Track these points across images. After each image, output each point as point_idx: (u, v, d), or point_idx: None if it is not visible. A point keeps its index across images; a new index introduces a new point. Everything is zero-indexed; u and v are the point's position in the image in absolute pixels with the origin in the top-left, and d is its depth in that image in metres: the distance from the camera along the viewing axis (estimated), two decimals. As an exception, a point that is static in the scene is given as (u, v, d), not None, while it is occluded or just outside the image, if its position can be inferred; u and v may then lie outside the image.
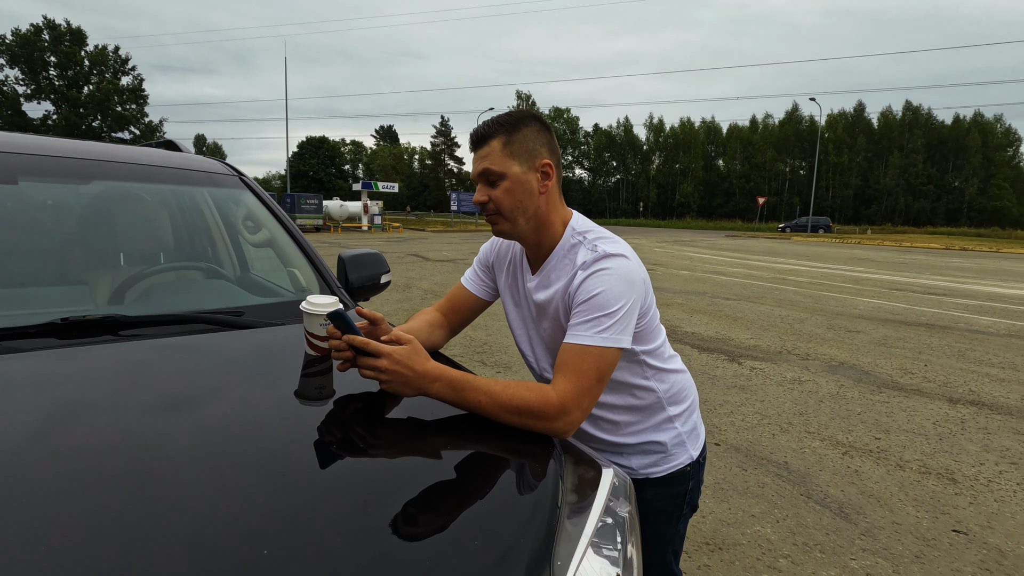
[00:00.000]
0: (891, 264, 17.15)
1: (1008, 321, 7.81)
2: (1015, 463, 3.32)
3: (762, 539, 2.49)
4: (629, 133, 76.99)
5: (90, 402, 0.98)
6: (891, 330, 6.99)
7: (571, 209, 1.27)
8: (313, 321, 1.20)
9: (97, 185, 1.70)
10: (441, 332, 1.40)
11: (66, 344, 1.19)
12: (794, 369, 5.17)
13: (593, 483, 1.00)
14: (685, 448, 1.33)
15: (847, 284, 11.58)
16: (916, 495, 2.91)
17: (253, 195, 1.95)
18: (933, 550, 2.43)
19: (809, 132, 67.45)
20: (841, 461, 3.28)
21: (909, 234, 45.99)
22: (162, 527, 0.69)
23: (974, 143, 64.74)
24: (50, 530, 0.66)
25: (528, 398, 1.04)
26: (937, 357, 5.73)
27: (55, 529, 0.67)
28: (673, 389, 1.31)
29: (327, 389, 1.15)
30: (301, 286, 1.76)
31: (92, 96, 43.56)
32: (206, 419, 0.96)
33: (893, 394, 4.53)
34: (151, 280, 1.61)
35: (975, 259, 20.79)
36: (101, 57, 44.70)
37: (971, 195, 65.38)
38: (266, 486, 0.80)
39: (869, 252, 23.13)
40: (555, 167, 1.19)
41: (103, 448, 0.85)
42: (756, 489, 2.93)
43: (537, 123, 1.18)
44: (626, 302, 1.10)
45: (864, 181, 68.10)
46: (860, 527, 2.60)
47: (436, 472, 0.90)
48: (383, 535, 0.73)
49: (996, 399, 4.47)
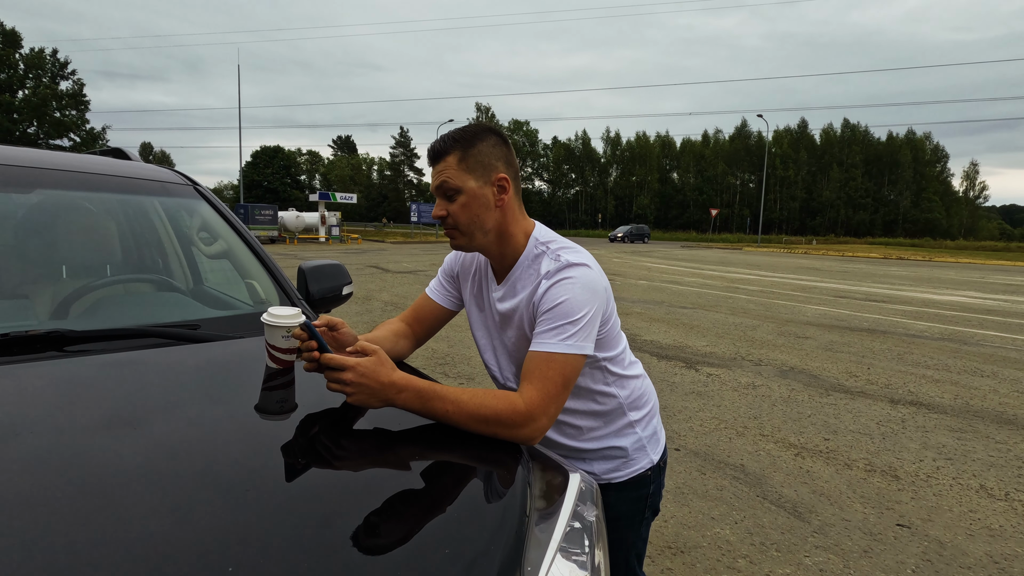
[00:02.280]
0: (835, 273, 18.01)
1: (941, 325, 8.32)
2: (950, 459, 3.53)
3: (722, 540, 2.56)
4: (587, 146, 78.54)
5: (36, 421, 0.93)
6: (837, 335, 7.33)
7: (533, 220, 1.29)
8: (275, 333, 1.18)
9: (40, 194, 1.62)
10: (406, 342, 1.40)
11: (7, 361, 1.12)
12: (748, 375, 5.35)
13: (560, 488, 1.01)
14: (646, 452, 1.36)
15: (795, 292, 12.10)
16: (863, 492, 3.05)
17: (208, 205, 1.90)
18: (880, 544, 2.55)
19: (757, 147, 70.48)
20: (794, 462, 3.41)
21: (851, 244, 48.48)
22: (116, 550, 0.66)
23: (906, 159, 69.04)
24: None
25: (495, 406, 1.04)
26: (879, 360, 6.04)
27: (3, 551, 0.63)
28: (634, 395, 1.35)
29: (289, 403, 1.13)
30: (260, 298, 1.72)
31: (27, 101, 41.27)
32: (162, 436, 0.93)
33: (840, 396, 4.75)
34: (98, 293, 1.54)
35: (911, 268, 22.07)
36: (37, 60, 42.47)
37: (905, 207, 69.58)
38: (228, 503, 0.77)
39: (815, 262, 24.23)
40: (512, 181, 1.20)
41: (52, 469, 0.80)
42: (715, 492, 3.01)
43: (494, 137, 1.20)
44: (589, 310, 1.13)
45: (809, 194, 71.50)
46: (812, 525, 2.70)
47: (404, 482, 0.90)
48: (349, 548, 0.72)
49: (932, 399, 4.75)
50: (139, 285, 1.75)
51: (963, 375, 5.54)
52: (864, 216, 69.89)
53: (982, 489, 3.13)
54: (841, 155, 70.75)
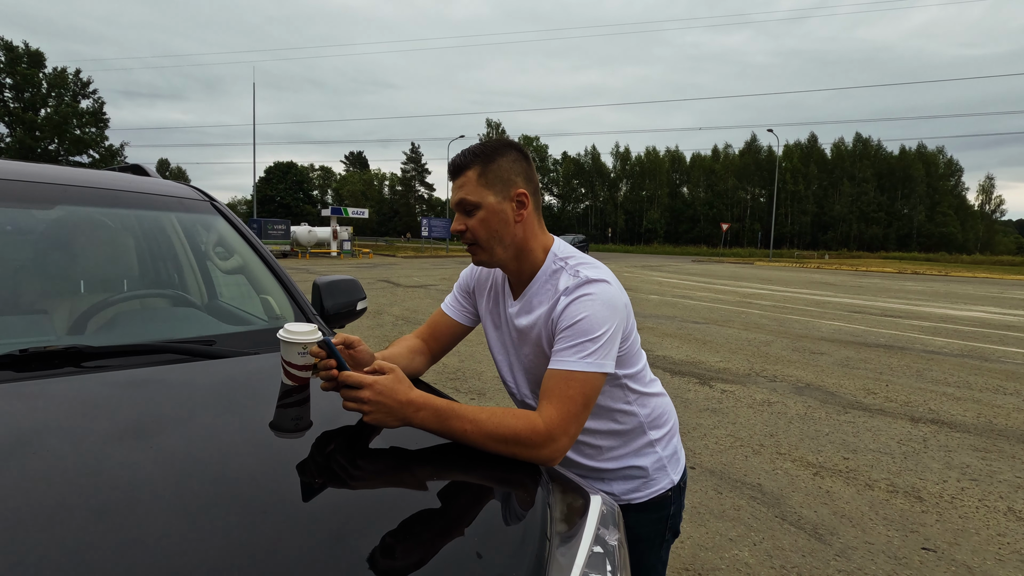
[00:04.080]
0: (849, 288, 17.80)
1: (960, 342, 8.16)
2: (975, 480, 3.43)
3: (740, 563, 2.49)
4: (597, 161, 78.78)
5: (54, 437, 0.93)
6: (852, 351, 7.21)
7: (552, 235, 1.28)
8: (291, 350, 1.17)
9: (60, 210, 1.64)
10: (422, 359, 1.38)
11: (25, 377, 1.12)
12: (763, 391, 5.26)
13: (581, 511, 0.99)
14: (666, 473, 1.33)
15: (809, 307, 11.95)
16: (886, 514, 2.97)
17: (225, 220, 1.91)
18: (905, 568, 2.47)
19: (768, 161, 70.25)
20: (812, 481, 3.33)
21: (864, 259, 47.96)
22: (131, 565, 0.65)
23: (919, 173, 68.48)
24: (11, 567, 0.62)
25: (515, 425, 1.02)
26: (897, 377, 5.92)
27: (17, 566, 0.62)
28: (654, 413, 1.32)
29: (304, 420, 1.11)
30: (275, 314, 1.71)
31: (49, 119, 42.30)
32: (178, 452, 0.92)
33: (858, 414, 4.65)
34: (115, 308, 1.54)
35: (926, 282, 21.76)
36: (60, 80, 43.60)
37: (920, 222, 68.83)
38: (242, 520, 0.76)
39: (828, 276, 23.98)
40: (531, 196, 1.19)
41: (70, 484, 0.80)
42: (732, 512, 2.94)
43: (514, 152, 1.19)
44: (609, 327, 1.11)
45: (820, 208, 71.05)
46: (834, 548, 2.62)
47: (421, 503, 0.88)
48: (364, 570, 0.70)
49: (954, 417, 4.63)
50: (155, 300, 1.76)
51: (985, 393, 5.41)
52: (877, 230, 69.26)
53: (1010, 512, 3.03)
54: (852, 169, 70.34)
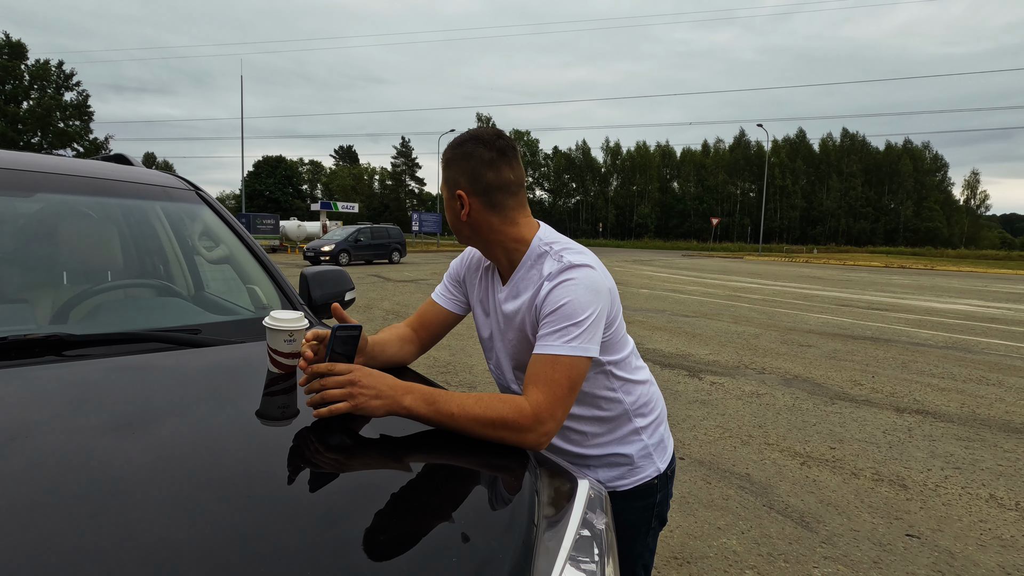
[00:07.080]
0: (837, 281, 17.98)
1: (945, 334, 8.28)
2: (959, 468, 3.49)
3: (728, 551, 2.52)
4: (587, 156, 78.81)
5: (36, 425, 0.91)
6: (840, 344, 7.29)
7: (538, 221, 1.27)
8: (277, 337, 1.16)
9: (41, 198, 1.61)
10: (411, 347, 1.38)
11: (5, 365, 1.10)
12: (752, 383, 5.31)
13: (569, 495, 0.99)
14: (652, 460, 1.33)
15: (797, 301, 12.06)
16: (871, 502, 3.01)
17: (211, 209, 1.89)
18: (889, 555, 2.51)
19: (757, 156, 70.67)
20: (800, 471, 3.37)
21: (852, 253, 48.45)
22: (119, 555, 0.64)
23: (906, 168, 69.21)
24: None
25: (501, 410, 1.02)
26: (883, 369, 6.00)
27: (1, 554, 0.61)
28: (640, 401, 1.32)
29: (291, 408, 1.10)
30: (261, 303, 1.70)
31: (32, 112, 41.58)
32: (164, 440, 0.91)
33: (845, 405, 4.71)
34: (98, 298, 1.52)
35: (913, 276, 22.03)
36: (43, 72, 42.84)
37: (906, 216, 69.62)
38: (231, 508, 0.75)
39: (816, 270, 24.20)
40: (475, 196, 1.16)
41: (54, 473, 0.78)
42: (721, 501, 2.97)
43: (480, 148, 1.16)
44: (593, 311, 1.10)
45: (808, 203, 71.61)
46: (820, 535, 2.66)
47: (409, 488, 0.88)
48: (354, 556, 0.70)
49: (939, 408, 4.70)
50: (140, 290, 1.73)
51: (969, 383, 5.50)
52: (865, 225, 69.97)
53: (992, 499, 3.09)
54: (840, 164, 70.95)
